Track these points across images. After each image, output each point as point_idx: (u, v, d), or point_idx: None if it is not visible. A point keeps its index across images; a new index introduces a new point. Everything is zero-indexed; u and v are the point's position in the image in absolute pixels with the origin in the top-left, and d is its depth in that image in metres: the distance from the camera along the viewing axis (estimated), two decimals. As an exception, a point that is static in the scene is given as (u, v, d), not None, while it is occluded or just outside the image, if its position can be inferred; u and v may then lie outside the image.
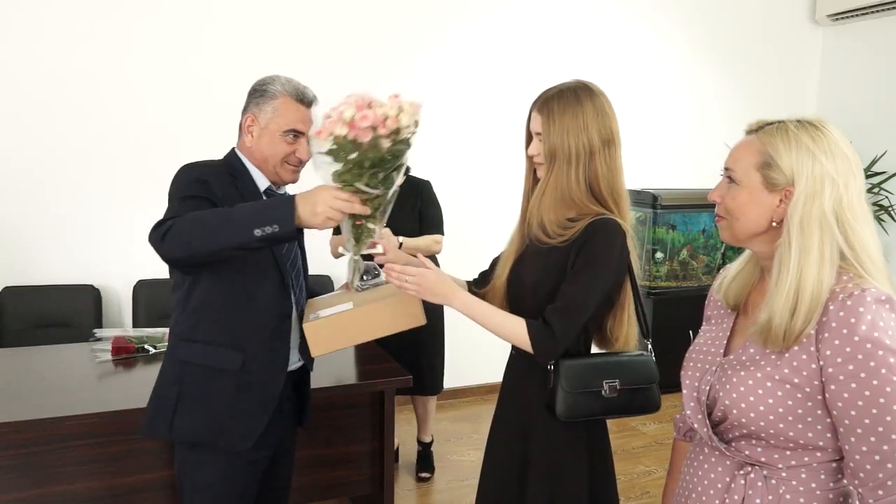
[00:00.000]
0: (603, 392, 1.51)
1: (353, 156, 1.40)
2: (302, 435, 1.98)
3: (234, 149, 1.80)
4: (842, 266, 1.09)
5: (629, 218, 1.56)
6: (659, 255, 4.45)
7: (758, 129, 1.17)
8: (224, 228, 1.46)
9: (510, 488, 1.60)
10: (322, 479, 2.50)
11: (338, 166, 1.43)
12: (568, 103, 1.51)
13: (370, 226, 1.54)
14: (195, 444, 1.70)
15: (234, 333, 1.68)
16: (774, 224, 1.14)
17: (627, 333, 1.61)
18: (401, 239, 2.98)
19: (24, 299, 3.30)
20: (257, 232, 1.44)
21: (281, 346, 1.74)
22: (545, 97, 1.55)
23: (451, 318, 3.23)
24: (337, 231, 3.18)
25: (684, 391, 1.25)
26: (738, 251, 1.31)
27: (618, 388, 1.52)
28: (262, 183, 1.75)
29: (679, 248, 4.51)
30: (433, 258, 3.19)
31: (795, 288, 1.07)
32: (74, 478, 2.14)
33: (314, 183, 1.51)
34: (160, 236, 1.50)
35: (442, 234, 3.15)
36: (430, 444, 3.43)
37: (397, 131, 1.40)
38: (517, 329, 1.49)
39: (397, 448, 3.45)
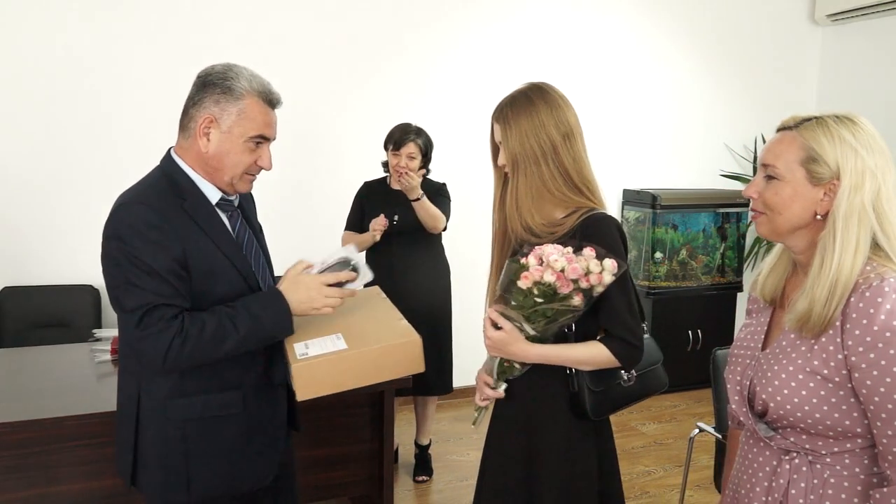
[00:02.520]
0: (622, 382, 1.57)
1: (541, 305, 1.41)
2: (302, 435, 1.97)
3: (171, 154, 1.55)
4: (870, 256, 1.13)
5: (605, 203, 1.59)
6: (658, 254, 4.45)
7: (795, 125, 1.20)
8: (232, 351, 1.47)
9: (517, 493, 1.60)
10: (322, 479, 2.50)
11: (514, 310, 1.46)
12: (521, 107, 1.53)
13: (517, 365, 1.54)
14: (213, 499, 1.56)
15: (225, 374, 1.53)
16: (819, 217, 1.17)
17: None
18: (395, 218, 3.00)
19: (24, 299, 3.30)
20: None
21: (277, 364, 1.62)
22: (500, 106, 1.57)
23: (453, 318, 3.24)
24: (350, 227, 3.20)
25: (728, 385, 1.30)
26: (736, 251, 1.34)
27: (634, 374, 1.59)
28: (214, 195, 1.54)
29: (678, 248, 4.51)
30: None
31: (836, 277, 1.11)
32: (74, 478, 2.14)
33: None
34: (160, 354, 1.40)
35: (447, 217, 3.10)
36: (428, 446, 3.42)
37: (591, 288, 1.41)
38: (600, 355, 1.50)
39: (397, 448, 3.45)
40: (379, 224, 3.01)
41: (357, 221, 3.20)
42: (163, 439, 1.52)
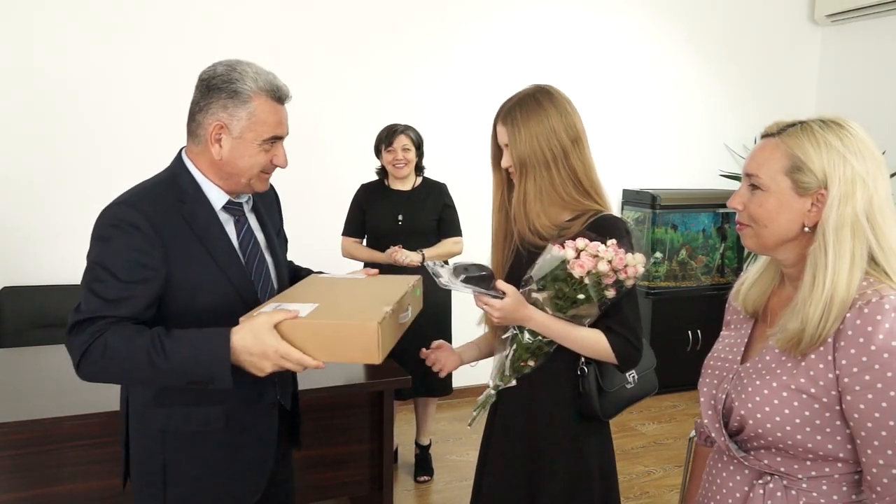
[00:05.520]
0: (627, 385, 1.60)
1: (580, 297, 1.44)
2: (302, 435, 1.95)
3: (181, 157, 1.48)
4: (867, 270, 1.06)
5: (611, 206, 1.60)
6: (658, 254, 4.45)
7: (778, 131, 1.12)
8: (154, 378, 1.32)
9: (518, 493, 1.60)
10: (321, 479, 2.50)
11: (543, 294, 1.47)
12: (531, 110, 1.51)
13: (531, 363, 1.55)
14: None
15: None
16: (807, 229, 1.09)
17: None
18: (423, 251, 3.01)
19: (24, 299, 3.30)
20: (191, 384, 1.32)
21: (268, 381, 1.47)
22: (507, 108, 1.55)
23: (453, 319, 3.24)
24: (349, 232, 3.19)
25: (702, 399, 1.23)
26: (736, 251, 1.31)
27: (636, 377, 1.62)
28: (218, 200, 1.46)
29: (678, 248, 4.51)
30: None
31: (831, 294, 1.03)
32: (74, 478, 2.15)
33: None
34: (76, 358, 1.32)
35: (460, 234, 3.20)
36: (429, 446, 3.43)
37: (624, 280, 1.44)
38: (599, 344, 1.50)
39: (396, 448, 3.45)
40: (403, 258, 2.96)
41: (358, 225, 3.19)
42: (143, 447, 1.47)
